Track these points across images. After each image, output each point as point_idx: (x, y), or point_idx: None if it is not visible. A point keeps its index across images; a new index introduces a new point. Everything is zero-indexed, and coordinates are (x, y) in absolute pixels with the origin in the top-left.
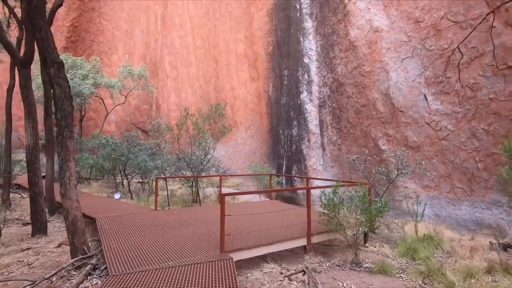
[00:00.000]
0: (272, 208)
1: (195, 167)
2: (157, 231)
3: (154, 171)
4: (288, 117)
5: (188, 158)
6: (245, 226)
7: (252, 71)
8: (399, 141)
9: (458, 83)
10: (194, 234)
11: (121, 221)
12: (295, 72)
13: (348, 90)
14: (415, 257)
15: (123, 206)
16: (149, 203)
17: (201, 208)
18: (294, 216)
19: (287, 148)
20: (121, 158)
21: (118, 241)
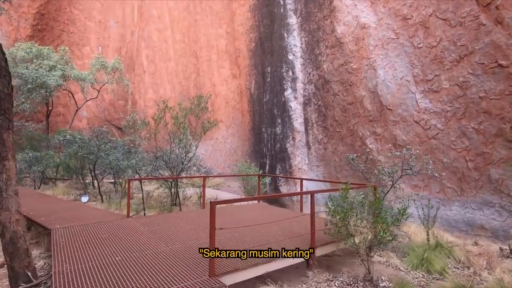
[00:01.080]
0: (265, 214)
1: (175, 166)
2: (128, 246)
3: (128, 171)
4: (272, 115)
5: (166, 157)
6: (238, 238)
7: (234, 68)
8: (387, 139)
9: (447, 81)
10: (174, 250)
11: (83, 233)
12: (279, 69)
13: (334, 87)
14: (430, 269)
15: (89, 213)
16: (121, 207)
17: (182, 214)
18: (290, 223)
19: (270, 147)
20: (89, 157)
21: (76, 262)
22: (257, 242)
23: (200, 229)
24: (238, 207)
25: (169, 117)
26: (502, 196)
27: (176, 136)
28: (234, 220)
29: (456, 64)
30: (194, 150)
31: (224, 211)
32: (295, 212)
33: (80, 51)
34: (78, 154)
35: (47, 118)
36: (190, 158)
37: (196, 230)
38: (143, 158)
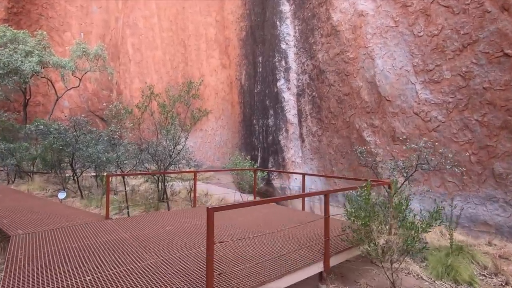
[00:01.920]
0: (267, 214)
1: (162, 160)
2: (104, 259)
3: (111, 165)
4: (264, 106)
5: (152, 149)
6: (238, 249)
7: (224, 58)
8: (386, 132)
9: (449, 71)
10: (161, 263)
11: (50, 241)
12: (271, 58)
13: (329, 77)
14: (457, 279)
15: (63, 212)
16: (102, 204)
17: (171, 214)
18: (294, 224)
19: (262, 139)
20: (66, 149)
21: (32, 284)
22: (262, 254)
23: (192, 234)
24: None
25: (155, 105)
26: (506, 191)
27: (163, 126)
28: (233, 225)
29: (458, 54)
30: (184, 142)
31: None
32: (296, 210)
33: (60, 37)
34: (53, 146)
35: (24, 108)
36: (179, 151)
37: (188, 235)
38: (127, 151)
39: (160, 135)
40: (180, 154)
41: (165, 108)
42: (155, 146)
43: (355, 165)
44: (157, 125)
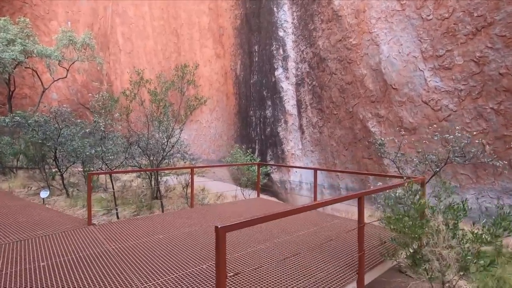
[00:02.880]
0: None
1: (154, 154)
2: (75, 284)
3: (99, 160)
4: (261, 97)
5: (143, 143)
6: (251, 269)
7: (218, 47)
8: (392, 122)
9: (460, 57)
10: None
11: (11, 258)
12: (268, 47)
13: (331, 65)
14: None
15: (40, 216)
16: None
17: (165, 218)
18: (312, 227)
19: (259, 131)
20: (47, 143)
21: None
22: (282, 275)
23: (194, 245)
24: (237, 206)
25: (146, 94)
26: None
27: (155, 117)
28: (242, 235)
29: (472, 38)
30: (178, 135)
31: (220, 211)
32: (309, 210)
33: (46, 26)
34: (32, 140)
35: (9, 100)
36: (173, 144)
37: (189, 247)
38: (115, 145)
39: (152, 127)
40: (174, 147)
41: (156, 96)
42: (146, 139)
43: (359, 158)
44: (148, 116)
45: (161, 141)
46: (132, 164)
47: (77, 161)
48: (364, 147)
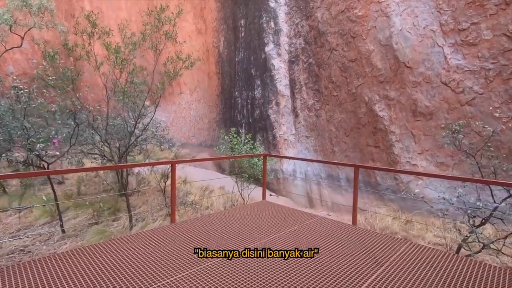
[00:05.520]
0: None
1: (120, 139)
2: None
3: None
4: (248, 76)
5: (101, 124)
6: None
7: (199, 22)
8: (404, 105)
9: (489, 30)
10: None
11: None
12: (256, 20)
13: (331, 40)
14: None
15: None
16: (22, 201)
17: (133, 241)
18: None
19: (246, 114)
20: None
21: None
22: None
23: None
24: (239, 220)
25: (103, 51)
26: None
27: (118, 88)
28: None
29: (504, 8)
30: (152, 113)
31: (217, 232)
32: (329, 220)
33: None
34: None
35: None
36: (145, 126)
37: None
38: (43, 118)
39: (116, 103)
40: (147, 130)
41: (117, 54)
42: (105, 119)
43: (363, 145)
44: (108, 90)
45: (129, 122)
46: (91, 152)
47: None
48: (369, 133)
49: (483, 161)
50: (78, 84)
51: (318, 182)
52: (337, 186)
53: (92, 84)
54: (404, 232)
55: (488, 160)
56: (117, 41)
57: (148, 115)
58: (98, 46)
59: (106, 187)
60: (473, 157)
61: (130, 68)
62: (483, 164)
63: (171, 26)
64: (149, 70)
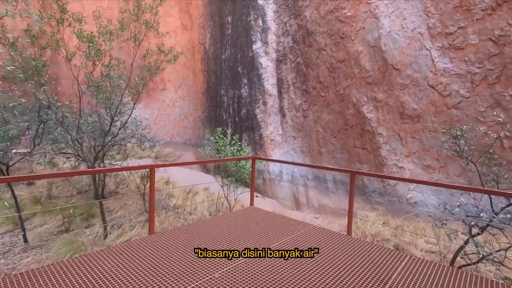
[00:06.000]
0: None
1: (96, 138)
2: None
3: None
4: (235, 74)
5: (74, 122)
6: None
7: (184, 18)
8: (392, 107)
9: (476, 35)
10: None
11: None
12: (244, 17)
13: (319, 40)
14: None
15: None
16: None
17: (106, 257)
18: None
19: (232, 113)
20: None
21: None
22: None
23: None
24: (224, 231)
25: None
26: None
27: (92, 82)
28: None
29: (490, 13)
30: (130, 110)
31: (204, 235)
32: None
33: None
34: None
35: None
36: (122, 124)
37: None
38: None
39: (90, 97)
40: (127, 128)
41: (91, 44)
42: (77, 116)
43: (350, 146)
44: (79, 79)
45: (105, 119)
46: (63, 151)
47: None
48: (357, 135)
49: (483, 168)
50: (45, 76)
51: (305, 184)
52: (324, 188)
53: (63, 78)
54: (396, 239)
55: (488, 167)
56: (93, 30)
57: (127, 112)
58: (72, 35)
59: (81, 189)
60: (474, 164)
61: (106, 61)
62: (483, 171)
63: (152, 15)
64: (128, 64)
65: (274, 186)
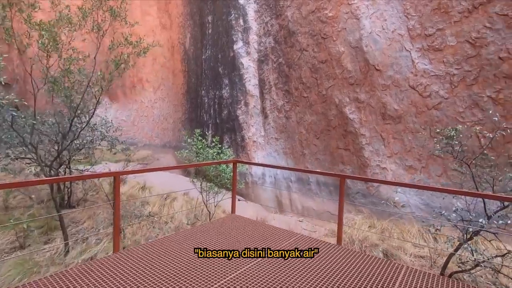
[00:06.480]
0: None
1: (58, 141)
2: None
3: None
4: (215, 75)
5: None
6: None
7: (163, 17)
8: (374, 108)
9: (454, 37)
10: None
11: None
12: (225, 16)
13: (301, 40)
14: None
15: None
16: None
17: (60, 283)
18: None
19: (214, 114)
20: None
21: None
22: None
23: None
24: (204, 234)
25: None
26: None
27: (48, 77)
28: None
29: (467, 16)
30: (93, 110)
31: (180, 251)
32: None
33: None
34: None
35: None
36: (85, 125)
37: None
38: None
39: (48, 95)
40: (95, 130)
41: (45, 32)
42: (31, 116)
43: (333, 148)
44: (32, 74)
45: (65, 119)
46: (20, 156)
47: None
48: (340, 136)
49: (477, 170)
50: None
51: (288, 186)
52: (307, 190)
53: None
54: (384, 243)
55: (481, 168)
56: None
57: (96, 112)
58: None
59: (43, 198)
60: (468, 166)
61: (65, 53)
62: (474, 173)
63: (118, 1)
64: (92, 57)
65: (257, 189)
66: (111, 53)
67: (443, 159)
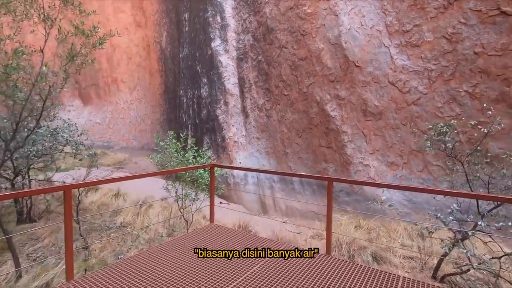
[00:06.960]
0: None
1: (10, 149)
2: None
3: None
4: (193, 74)
5: None
6: None
7: (138, 14)
8: (355, 105)
9: (430, 33)
10: None
11: None
12: (201, 13)
13: (280, 38)
14: None
15: None
16: None
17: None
18: None
19: (193, 114)
20: None
21: None
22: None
23: None
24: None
25: None
26: (504, 176)
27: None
28: None
29: (443, 12)
30: (40, 112)
31: (150, 274)
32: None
33: None
34: None
35: None
36: (32, 130)
37: None
38: None
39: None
40: (58, 134)
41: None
42: None
43: (315, 146)
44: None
45: (11, 122)
46: None
47: None
48: (322, 134)
49: (471, 168)
50: None
51: (271, 186)
52: (291, 189)
53: None
54: (372, 245)
55: (474, 165)
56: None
57: (56, 115)
58: None
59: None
60: (462, 164)
61: (6, 47)
62: (471, 171)
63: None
64: (45, 53)
65: (239, 192)
66: (60, 44)
67: (424, 155)
